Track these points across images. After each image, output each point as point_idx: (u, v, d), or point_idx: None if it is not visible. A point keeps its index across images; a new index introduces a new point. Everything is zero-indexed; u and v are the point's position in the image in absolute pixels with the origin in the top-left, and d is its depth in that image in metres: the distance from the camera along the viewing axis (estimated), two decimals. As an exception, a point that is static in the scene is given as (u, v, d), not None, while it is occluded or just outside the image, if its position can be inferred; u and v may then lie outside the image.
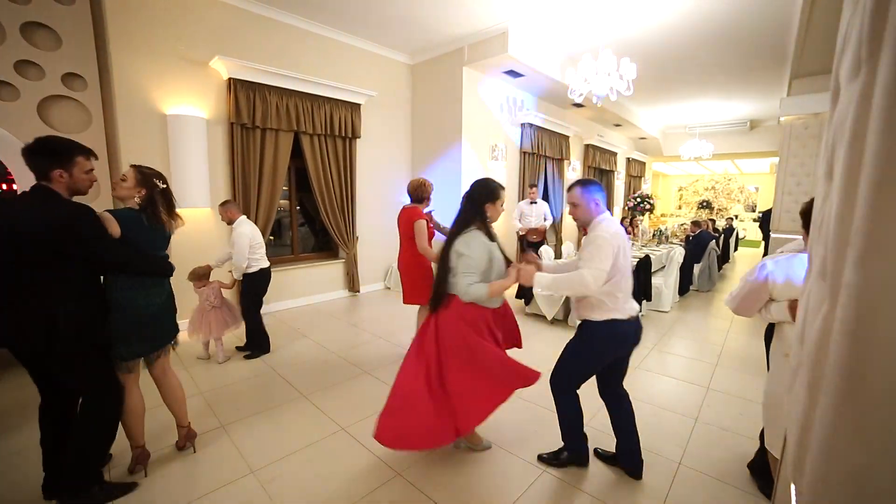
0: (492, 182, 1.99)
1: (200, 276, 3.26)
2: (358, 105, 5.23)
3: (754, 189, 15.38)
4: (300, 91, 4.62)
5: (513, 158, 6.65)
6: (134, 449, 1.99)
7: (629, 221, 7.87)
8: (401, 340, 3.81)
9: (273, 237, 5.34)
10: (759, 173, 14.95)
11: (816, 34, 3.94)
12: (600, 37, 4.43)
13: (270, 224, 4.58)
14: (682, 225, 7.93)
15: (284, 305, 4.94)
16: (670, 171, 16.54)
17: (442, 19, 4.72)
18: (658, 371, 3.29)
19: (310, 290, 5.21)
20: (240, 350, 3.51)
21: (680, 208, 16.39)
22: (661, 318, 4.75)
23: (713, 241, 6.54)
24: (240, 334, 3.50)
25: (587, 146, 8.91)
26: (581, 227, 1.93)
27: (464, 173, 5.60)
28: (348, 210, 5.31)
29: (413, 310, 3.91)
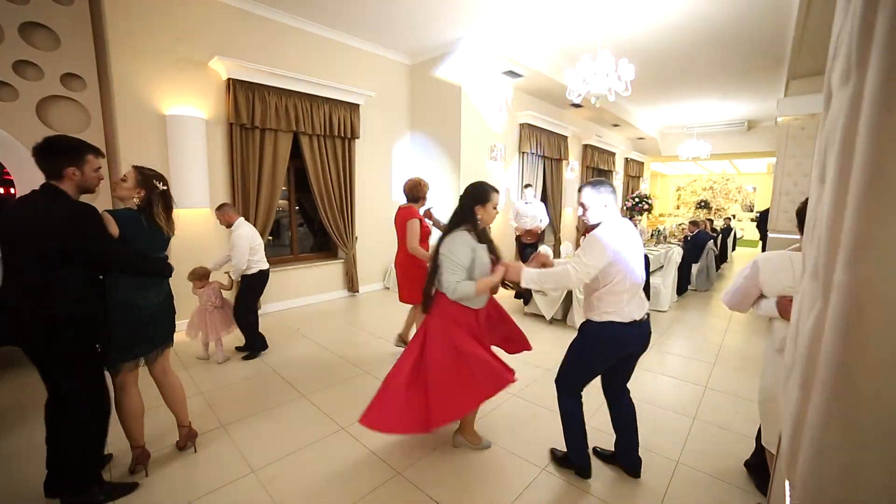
0: (484, 185, 2.02)
1: (200, 277, 3.26)
2: (357, 105, 5.23)
3: (752, 189, 15.43)
4: (299, 91, 4.62)
5: (511, 159, 6.66)
6: (134, 449, 1.99)
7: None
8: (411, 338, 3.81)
9: (272, 237, 5.34)
10: (757, 173, 15.00)
11: (813, 36, 3.97)
12: (598, 37, 4.46)
13: (270, 224, 4.58)
14: (681, 225, 7.95)
15: (284, 305, 4.94)
16: (668, 171, 16.58)
17: (441, 20, 4.73)
18: (656, 370, 3.31)
19: (309, 290, 5.21)
20: (239, 350, 3.51)
21: (678, 208, 16.43)
22: (660, 318, 4.77)
23: (711, 241, 6.57)
24: (239, 334, 3.50)
25: (585, 146, 8.94)
26: (585, 229, 1.94)
27: (463, 174, 5.61)
28: (347, 210, 5.31)
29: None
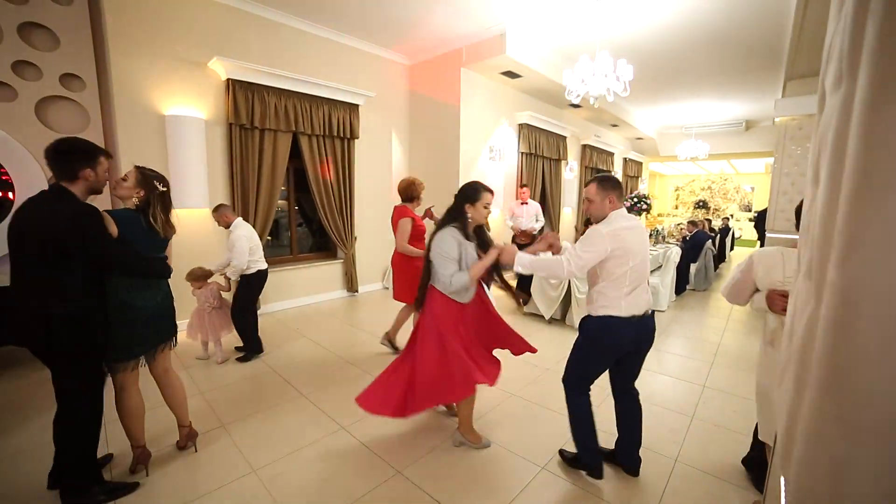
0: (477, 184, 2.06)
1: (198, 278, 3.26)
2: (356, 106, 5.23)
3: (750, 189, 15.47)
4: (299, 92, 4.62)
5: (510, 159, 6.67)
6: (135, 449, 1.99)
7: None
8: (398, 339, 3.82)
9: (271, 237, 5.34)
10: (755, 173, 15.04)
11: (810, 37, 3.99)
12: (597, 38, 4.48)
13: (269, 224, 4.58)
14: (679, 225, 7.97)
15: (283, 305, 4.94)
16: (667, 171, 16.61)
17: (440, 20, 4.74)
18: (655, 369, 3.32)
19: (308, 290, 5.22)
20: (239, 350, 3.51)
21: (676, 208, 16.45)
22: (658, 318, 4.79)
23: (709, 241, 6.59)
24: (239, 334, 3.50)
25: (584, 146, 8.95)
26: (585, 225, 1.96)
27: (461, 174, 5.62)
28: (347, 210, 5.32)
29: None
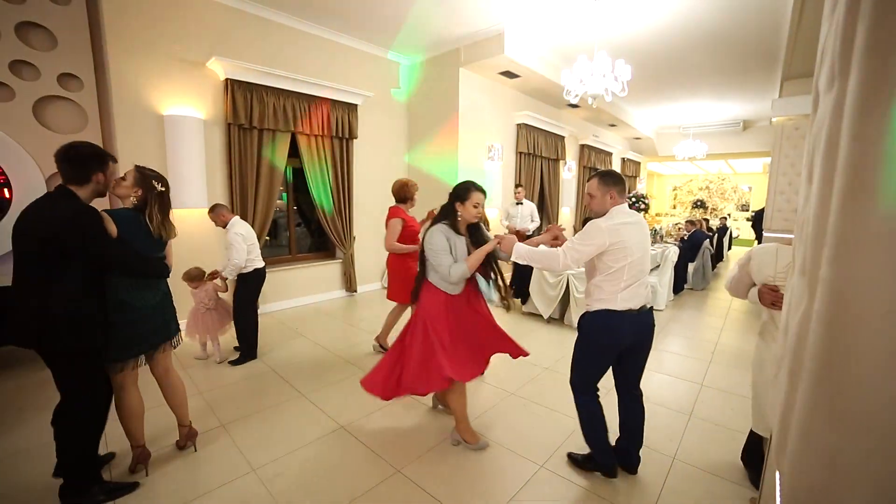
0: (467, 183, 2.11)
1: (193, 278, 3.26)
2: (355, 106, 5.24)
3: (747, 188, 15.54)
4: (297, 92, 4.63)
5: (509, 159, 6.68)
6: (134, 449, 1.99)
7: None
8: (389, 342, 3.83)
9: (269, 237, 5.34)
10: (753, 173, 15.12)
11: (806, 37, 4.00)
12: (595, 38, 4.49)
13: (268, 224, 4.58)
14: (677, 224, 8.00)
15: (282, 305, 4.94)
16: (665, 171, 16.66)
17: (439, 21, 4.74)
18: (653, 368, 3.34)
19: (307, 290, 5.22)
20: (237, 350, 3.50)
21: (674, 207, 16.48)
22: (656, 317, 4.76)
23: (707, 241, 6.62)
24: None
25: (582, 146, 8.97)
26: (584, 220, 1.98)
27: (461, 174, 5.62)
28: (345, 210, 5.32)
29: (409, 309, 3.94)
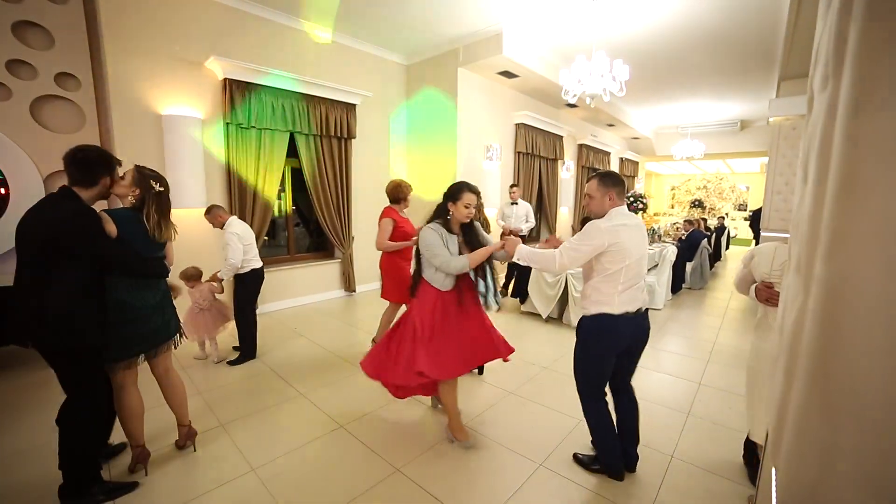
0: (460, 184, 2.16)
1: (190, 277, 3.26)
2: (353, 105, 5.23)
3: (745, 188, 15.59)
4: (296, 91, 4.62)
5: (507, 159, 6.69)
6: (134, 448, 1.99)
7: None
8: None
9: (268, 237, 5.33)
10: (750, 173, 15.17)
11: (803, 38, 4.03)
12: (594, 38, 4.50)
13: (266, 224, 4.58)
14: (675, 224, 8.02)
15: (281, 305, 4.94)
16: (663, 171, 16.70)
17: (437, 21, 4.74)
18: (651, 367, 3.35)
19: (306, 290, 5.21)
20: (236, 350, 3.50)
21: (672, 207, 16.53)
22: (654, 316, 4.82)
23: (705, 240, 6.64)
24: (237, 334, 3.50)
25: (581, 146, 8.99)
26: (582, 221, 2.00)
27: (459, 174, 5.63)
28: (344, 210, 5.32)
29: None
